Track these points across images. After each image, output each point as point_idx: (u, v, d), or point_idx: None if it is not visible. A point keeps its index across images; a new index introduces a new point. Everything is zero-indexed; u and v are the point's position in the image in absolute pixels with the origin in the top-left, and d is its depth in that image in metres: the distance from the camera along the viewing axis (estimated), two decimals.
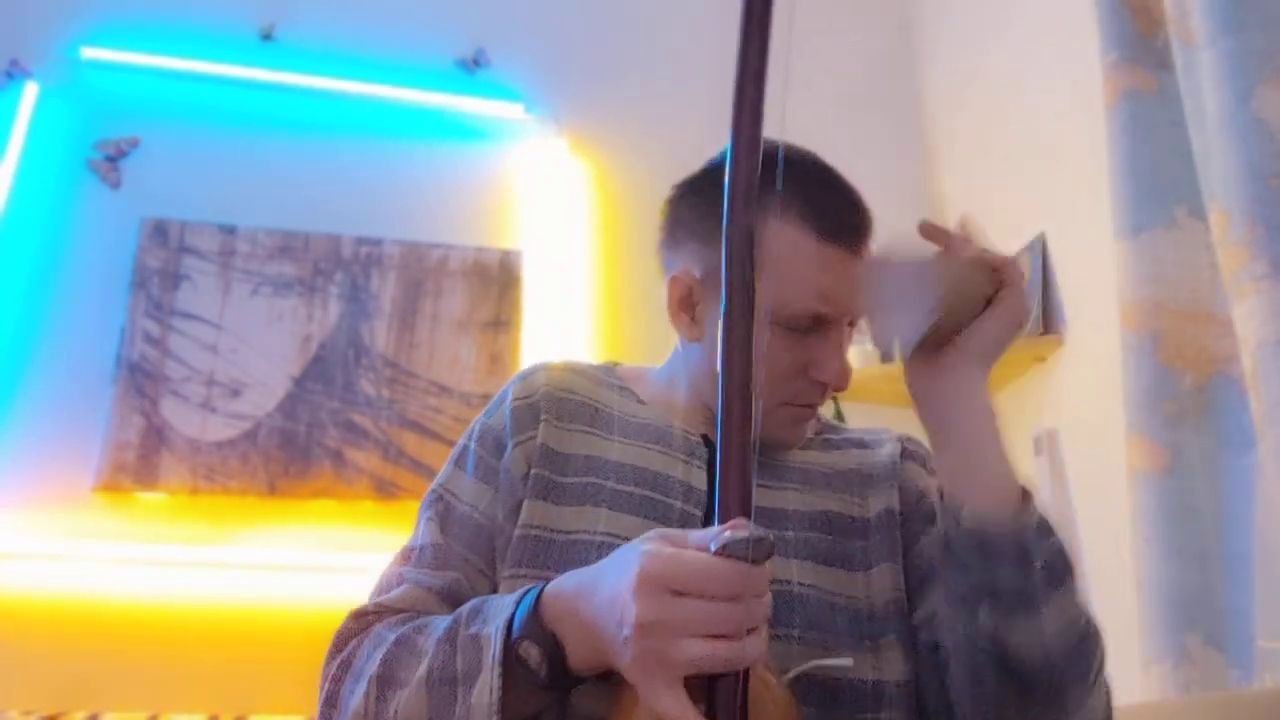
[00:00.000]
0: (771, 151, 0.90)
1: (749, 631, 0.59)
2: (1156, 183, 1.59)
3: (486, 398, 2.14)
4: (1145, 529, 1.48)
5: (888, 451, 0.95)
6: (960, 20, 2.57)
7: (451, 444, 0.95)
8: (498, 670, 0.66)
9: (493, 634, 0.68)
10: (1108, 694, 0.78)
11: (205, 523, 1.98)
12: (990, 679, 0.73)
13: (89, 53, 2.27)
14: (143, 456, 1.98)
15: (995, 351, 0.77)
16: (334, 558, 1.94)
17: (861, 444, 0.97)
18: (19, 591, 1.86)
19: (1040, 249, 2.07)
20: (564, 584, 0.68)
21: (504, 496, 0.87)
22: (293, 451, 2.04)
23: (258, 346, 2.11)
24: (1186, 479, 1.47)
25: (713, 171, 0.93)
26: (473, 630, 0.70)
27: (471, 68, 2.46)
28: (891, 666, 0.81)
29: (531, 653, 0.66)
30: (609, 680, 0.67)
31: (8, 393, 2.00)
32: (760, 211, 0.84)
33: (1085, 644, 0.74)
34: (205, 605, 1.91)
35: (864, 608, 0.84)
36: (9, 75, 2.21)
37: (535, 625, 0.67)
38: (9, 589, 1.86)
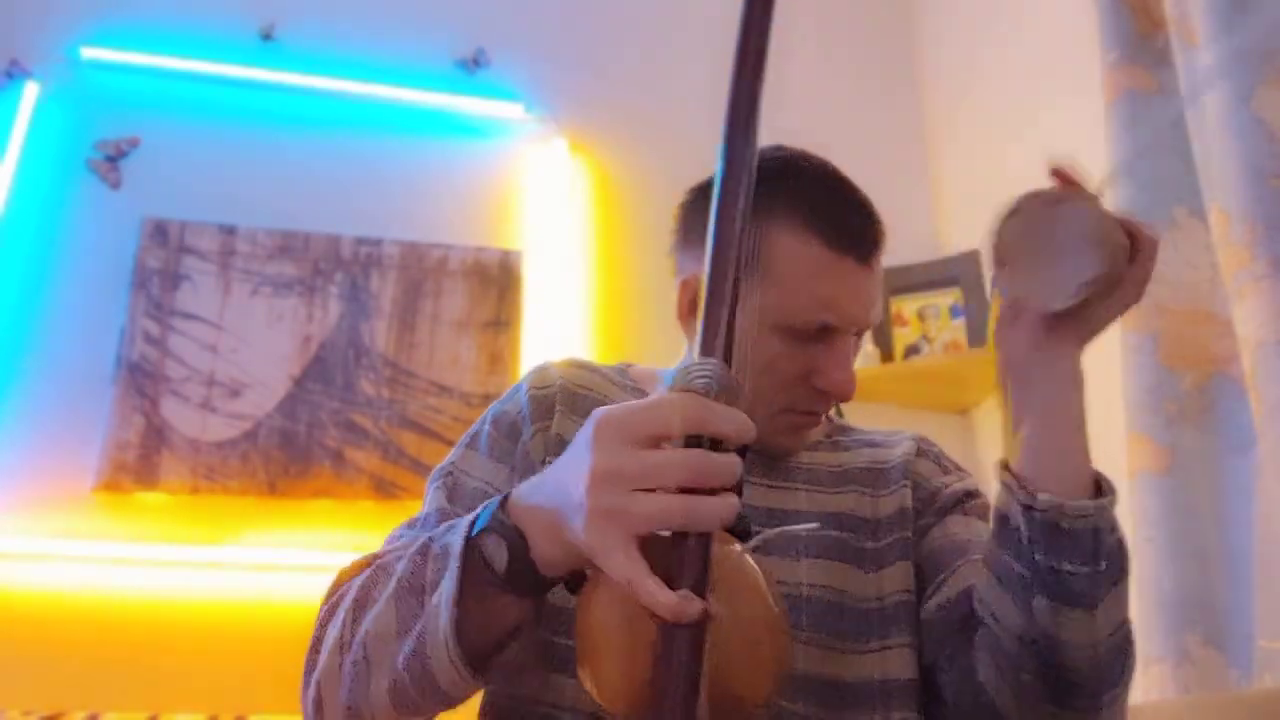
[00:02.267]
0: (783, 158, 0.89)
1: (713, 493, 0.55)
2: (1156, 183, 1.59)
3: (486, 398, 2.14)
4: (1145, 529, 1.48)
5: (902, 450, 0.94)
6: (960, 19, 2.57)
7: (452, 444, 0.95)
8: (456, 564, 0.64)
9: (457, 538, 0.66)
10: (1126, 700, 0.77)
11: (205, 523, 1.98)
12: (1032, 673, 0.71)
13: (89, 53, 2.27)
14: (143, 456, 1.98)
15: (1101, 329, 0.72)
16: (334, 558, 1.93)
17: (873, 443, 0.97)
18: (19, 591, 1.86)
19: None
20: (528, 481, 0.66)
21: (521, 476, 0.85)
22: (293, 451, 2.04)
23: (258, 346, 2.11)
24: (1186, 479, 1.47)
25: None
26: (444, 540, 0.68)
27: (471, 68, 2.46)
28: (899, 666, 0.81)
29: (490, 543, 0.64)
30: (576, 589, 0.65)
31: (8, 393, 2.00)
32: (769, 219, 0.83)
33: (1129, 646, 0.73)
34: (205, 605, 1.91)
35: (874, 608, 0.83)
36: (9, 75, 2.21)
37: (498, 520, 0.64)
38: (9, 589, 1.86)
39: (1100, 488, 0.72)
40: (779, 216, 0.84)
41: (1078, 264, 0.67)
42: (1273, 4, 1.40)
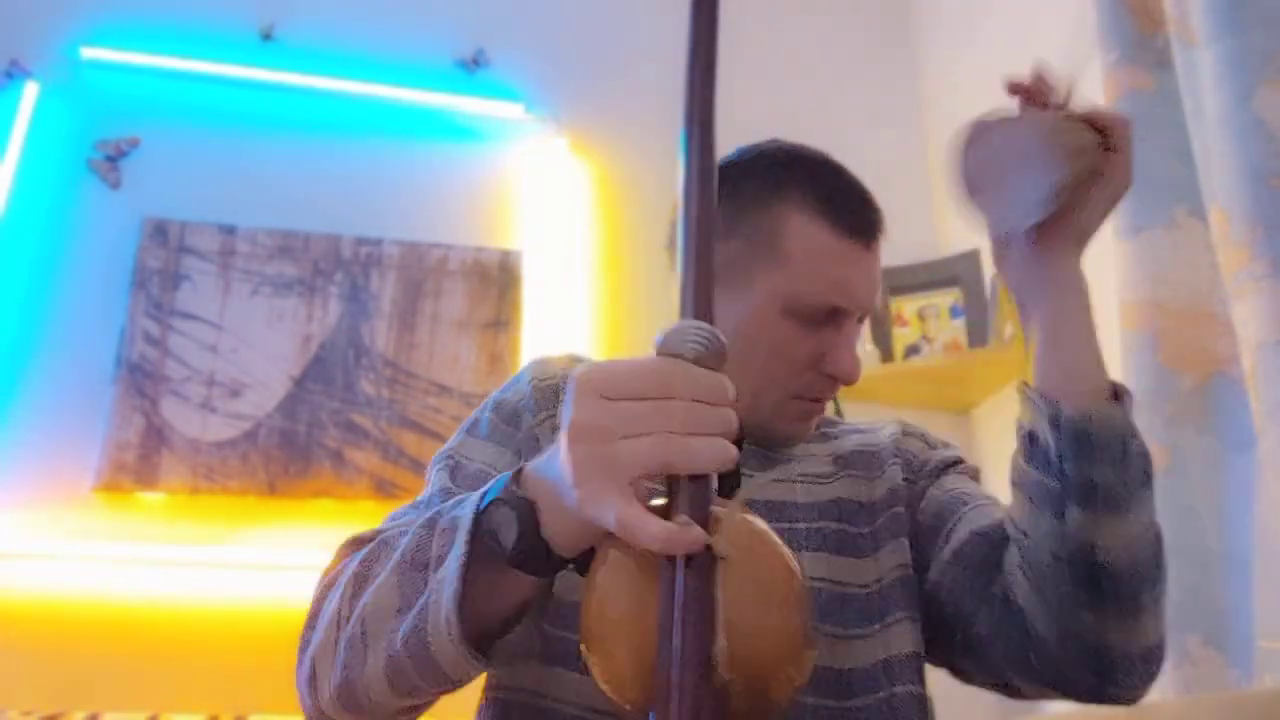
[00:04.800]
0: (785, 148, 0.91)
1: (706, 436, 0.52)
2: (1156, 183, 1.59)
3: (486, 398, 2.13)
4: None
5: (888, 432, 0.97)
6: (960, 20, 2.57)
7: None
8: (465, 536, 0.61)
9: (467, 511, 0.63)
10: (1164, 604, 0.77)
11: (205, 523, 1.98)
12: (1071, 582, 0.73)
13: (89, 53, 2.27)
14: (143, 456, 1.98)
15: (1096, 227, 0.73)
16: None
17: (860, 430, 0.99)
18: (19, 591, 1.86)
19: None
20: (543, 455, 0.63)
21: (526, 459, 0.85)
22: (293, 451, 2.04)
23: (258, 346, 2.11)
24: (1186, 479, 1.46)
25: (722, 168, 0.93)
26: (452, 514, 0.65)
27: (471, 68, 2.46)
28: (900, 641, 0.82)
29: (500, 515, 0.60)
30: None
31: (8, 393, 2.00)
32: (778, 204, 0.85)
33: (1160, 545, 0.74)
34: (205, 605, 1.91)
35: (873, 591, 0.84)
36: (9, 75, 2.21)
37: (510, 491, 0.61)
38: (9, 589, 1.86)
39: (1116, 392, 0.73)
40: (787, 202, 0.86)
41: (1040, 175, 0.68)
42: (1273, 4, 1.40)
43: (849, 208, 0.87)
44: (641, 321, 2.27)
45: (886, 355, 2.29)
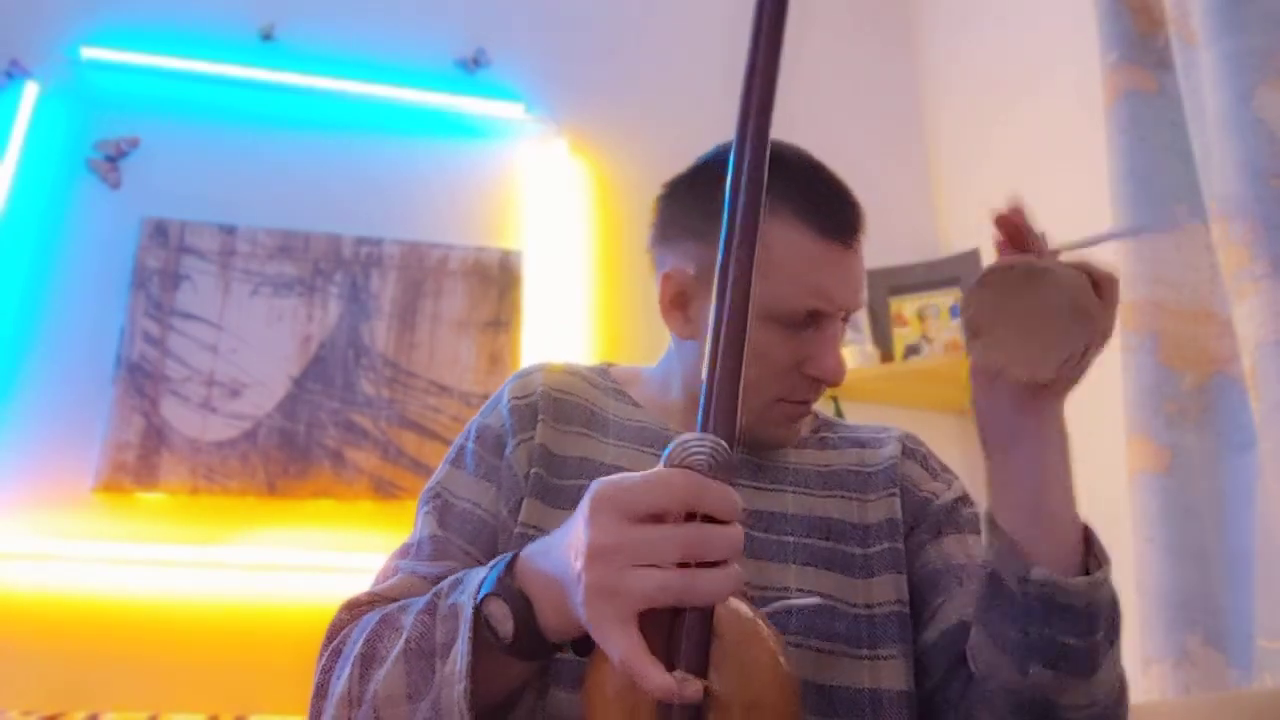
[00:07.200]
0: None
1: (715, 564, 0.54)
2: (1156, 183, 1.59)
3: (486, 398, 2.13)
4: (1145, 529, 1.48)
5: (888, 452, 0.94)
6: (960, 20, 2.57)
7: (451, 444, 0.95)
8: (467, 634, 0.64)
9: (466, 600, 0.66)
10: None
11: (205, 523, 1.98)
12: None
13: (89, 53, 2.26)
14: (143, 456, 1.98)
15: (1081, 377, 0.70)
16: (334, 558, 1.94)
17: (860, 443, 0.96)
18: (19, 591, 1.86)
19: None
20: (536, 543, 0.66)
21: (507, 493, 0.86)
22: (292, 451, 2.04)
23: (258, 346, 2.11)
24: (1186, 479, 1.47)
25: (705, 168, 0.93)
26: (451, 599, 0.68)
27: (471, 68, 2.46)
28: (890, 677, 0.81)
29: (497, 609, 0.64)
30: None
31: (7, 393, 2.00)
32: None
33: (1124, 698, 0.73)
34: (205, 605, 1.90)
35: (863, 614, 0.83)
36: (9, 75, 2.21)
37: (505, 584, 0.64)
38: (9, 589, 1.86)
39: (1089, 544, 0.71)
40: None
41: (1059, 336, 0.67)
42: (1273, 4, 1.40)
43: (826, 209, 0.85)
44: (641, 321, 2.27)
45: (886, 355, 2.29)
